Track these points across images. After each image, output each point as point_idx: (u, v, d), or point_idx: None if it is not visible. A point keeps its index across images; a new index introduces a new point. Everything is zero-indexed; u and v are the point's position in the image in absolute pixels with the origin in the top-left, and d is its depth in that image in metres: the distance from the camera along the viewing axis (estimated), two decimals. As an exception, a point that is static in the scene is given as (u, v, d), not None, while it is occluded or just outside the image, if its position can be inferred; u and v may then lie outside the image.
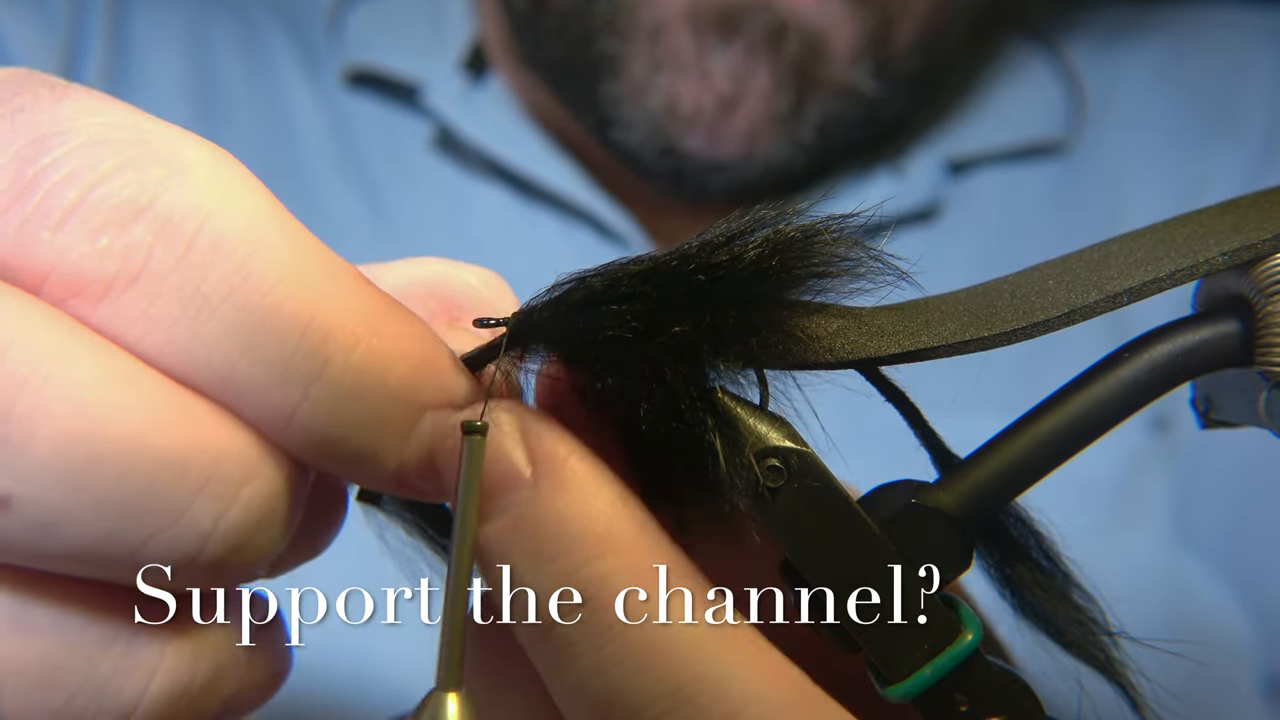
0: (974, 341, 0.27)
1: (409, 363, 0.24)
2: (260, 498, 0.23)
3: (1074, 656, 0.29)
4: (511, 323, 0.27)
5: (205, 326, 0.23)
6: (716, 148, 0.64)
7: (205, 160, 0.24)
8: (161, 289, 0.22)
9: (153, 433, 0.22)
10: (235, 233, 0.23)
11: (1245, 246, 0.26)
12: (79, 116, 0.24)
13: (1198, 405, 0.30)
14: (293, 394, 0.23)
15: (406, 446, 0.24)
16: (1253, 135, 0.73)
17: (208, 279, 0.22)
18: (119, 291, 0.22)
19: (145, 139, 0.23)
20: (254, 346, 0.23)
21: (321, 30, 0.76)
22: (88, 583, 0.23)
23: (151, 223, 0.23)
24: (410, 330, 0.24)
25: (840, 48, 0.64)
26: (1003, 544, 0.29)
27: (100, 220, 0.22)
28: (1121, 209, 0.71)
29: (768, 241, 0.26)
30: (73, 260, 0.22)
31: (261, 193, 0.24)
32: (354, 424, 0.23)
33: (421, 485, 0.25)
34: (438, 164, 0.73)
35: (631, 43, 0.63)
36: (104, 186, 0.23)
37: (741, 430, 0.26)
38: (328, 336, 0.23)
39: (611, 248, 0.70)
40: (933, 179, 0.71)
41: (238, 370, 0.23)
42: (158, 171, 0.23)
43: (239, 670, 0.25)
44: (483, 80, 0.73)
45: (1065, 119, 0.74)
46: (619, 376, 0.26)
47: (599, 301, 0.26)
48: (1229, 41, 0.77)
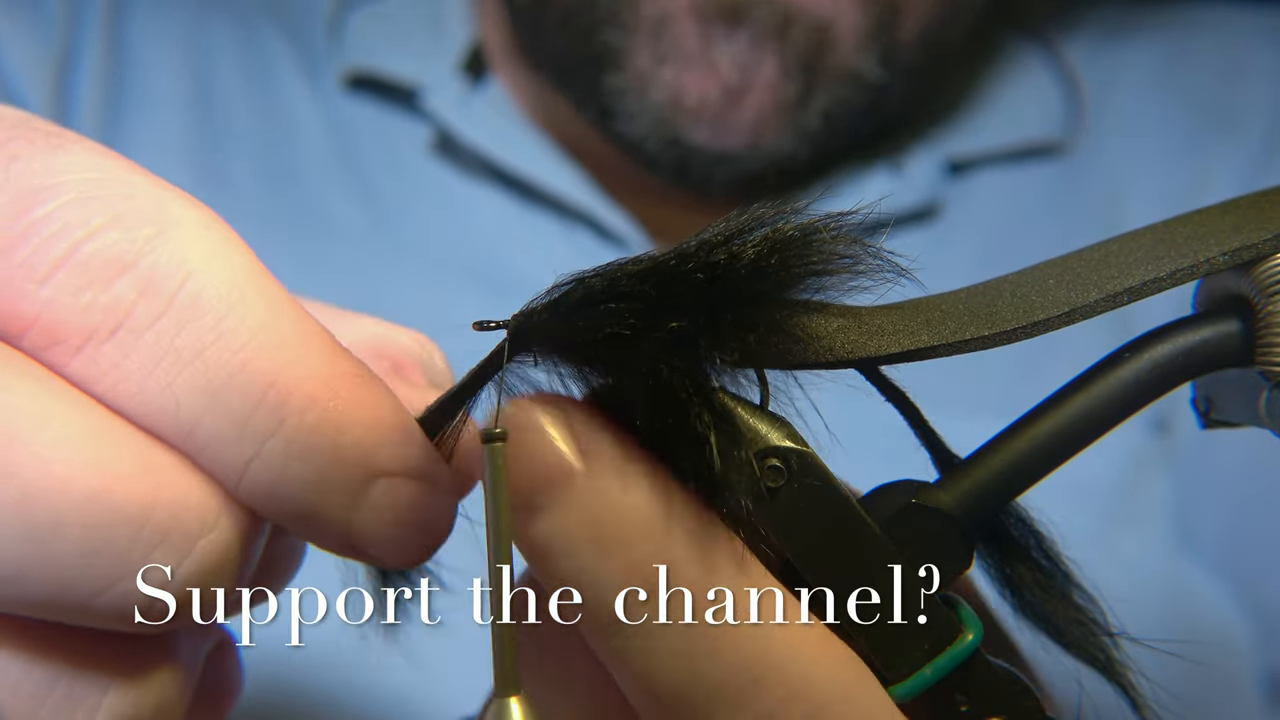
0: (973, 341, 0.27)
1: (363, 427, 0.24)
2: (216, 549, 0.24)
3: (1074, 657, 0.29)
4: (511, 324, 0.27)
5: (176, 379, 0.23)
6: (722, 139, 0.64)
7: (191, 219, 0.24)
8: (138, 343, 0.23)
9: (116, 488, 0.23)
10: (214, 292, 0.24)
11: (1246, 246, 0.26)
12: (72, 170, 0.24)
13: (1198, 405, 0.30)
14: (248, 449, 0.24)
15: (355, 510, 0.25)
16: (1252, 135, 0.73)
17: (182, 335, 0.23)
18: (97, 344, 0.23)
19: (134, 195, 0.24)
20: (219, 401, 0.23)
21: (320, 34, 0.76)
22: (29, 625, 0.24)
23: (135, 280, 0.23)
24: (370, 396, 0.25)
25: (847, 35, 0.63)
26: (1002, 544, 0.29)
27: (87, 276, 0.23)
28: (1120, 210, 0.71)
29: (766, 240, 0.26)
30: (56, 313, 0.23)
31: (244, 254, 0.25)
32: (302, 482, 0.24)
33: (371, 551, 0.25)
34: (437, 167, 0.73)
35: (635, 35, 0.63)
36: (92, 243, 0.23)
37: (741, 430, 0.26)
38: (288, 396, 0.24)
39: (612, 250, 0.70)
40: (931, 178, 0.71)
41: (201, 423, 0.23)
42: (145, 230, 0.24)
43: (183, 705, 0.26)
44: (482, 83, 0.73)
45: (1064, 120, 0.75)
46: (618, 376, 0.26)
47: (598, 301, 0.26)
48: (1227, 42, 0.77)
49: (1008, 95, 0.75)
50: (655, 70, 0.63)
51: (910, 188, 0.70)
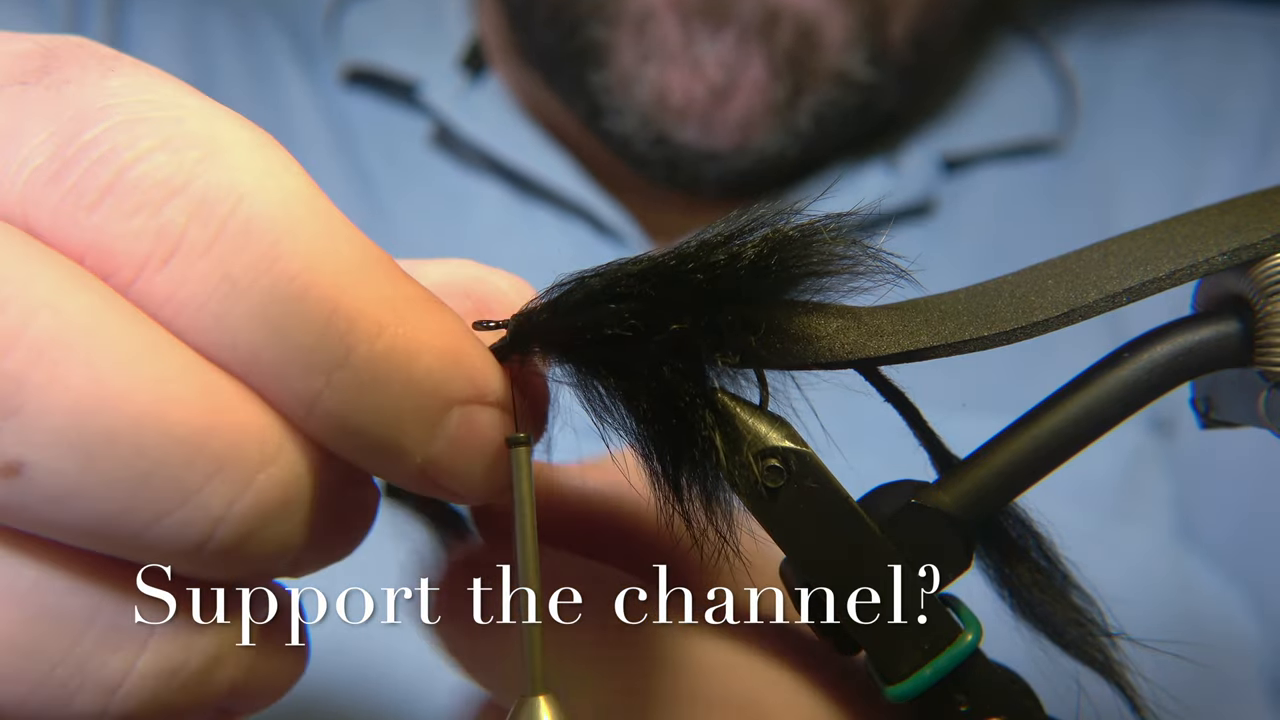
0: (972, 341, 0.27)
1: (435, 354, 0.24)
2: (277, 486, 0.23)
3: (1073, 657, 0.29)
4: (512, 324, 0.27)
5: (233, 309, 0.22)
6: (710, 138, 0.64)
7: (243, 141, 0.24)
8: (192, 271, 0.22)
9: (171, 409, 0.22)
10: (267, 216, 0.23)
11: (1245, 246, 0.26)
12: (123, 92, 0.23)
13: (1198, 405, 0.30)
14: (316, 380, 0.23)
15: (432, 441, 0.24)
16: (1247, 134, 0.73)
17: (237, 262, 0.22)
18: (151, 272, 0.22)
19: (185, 118, 0.23)
20: (280, 330, 0.22)
21: (319, 30, 0.76)
22: (77, 552, 0.23)
23: (185, 204, 0.22)
24: (439, 322, 0.24)
25: (834, 36, 0.63)
26: (1002, 544, 0.29)
27: (135, 201, 0.22)
28: (1115, 208, 0.71)
29: (766, 240, 0.26)
30: (107, 240, 0.22)
31: (298, 175, 0.24)
32: (376, 413, 0.23)
33: (449, 484, 0.25)
34: (436, 161, 0.73)
35: (619, 30, 0.63)
36: (140, 166, 0.22)
37: (741, 430, 0.26)
38: (353, 323, 0.23)
39: (609, 244, 0.70)
40: (926, 174, 0.71)
41: (263, 354, 0.23)
42: (194, 153, 0.23)
43: (242, 659, 0.25)
44: (481, 78, 0.74)
45: (1058, 117, 0.74)
46: (619, 376, 0.26)
47: (598, 301, 0.26)
48: (1221, 40, 0.77)
49: (1002, 92, 0.75)
50: (640, 68, 0.63)
51: (906, 184, 0.70)
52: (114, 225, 0.22)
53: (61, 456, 0.21)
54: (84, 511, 0.22)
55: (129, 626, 0.23)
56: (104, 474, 0.21)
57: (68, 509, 0.22)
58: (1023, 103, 0.75)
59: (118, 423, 0.21)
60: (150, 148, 0.23)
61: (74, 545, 0.23)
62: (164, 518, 0.22)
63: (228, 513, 0.22)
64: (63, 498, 0.22)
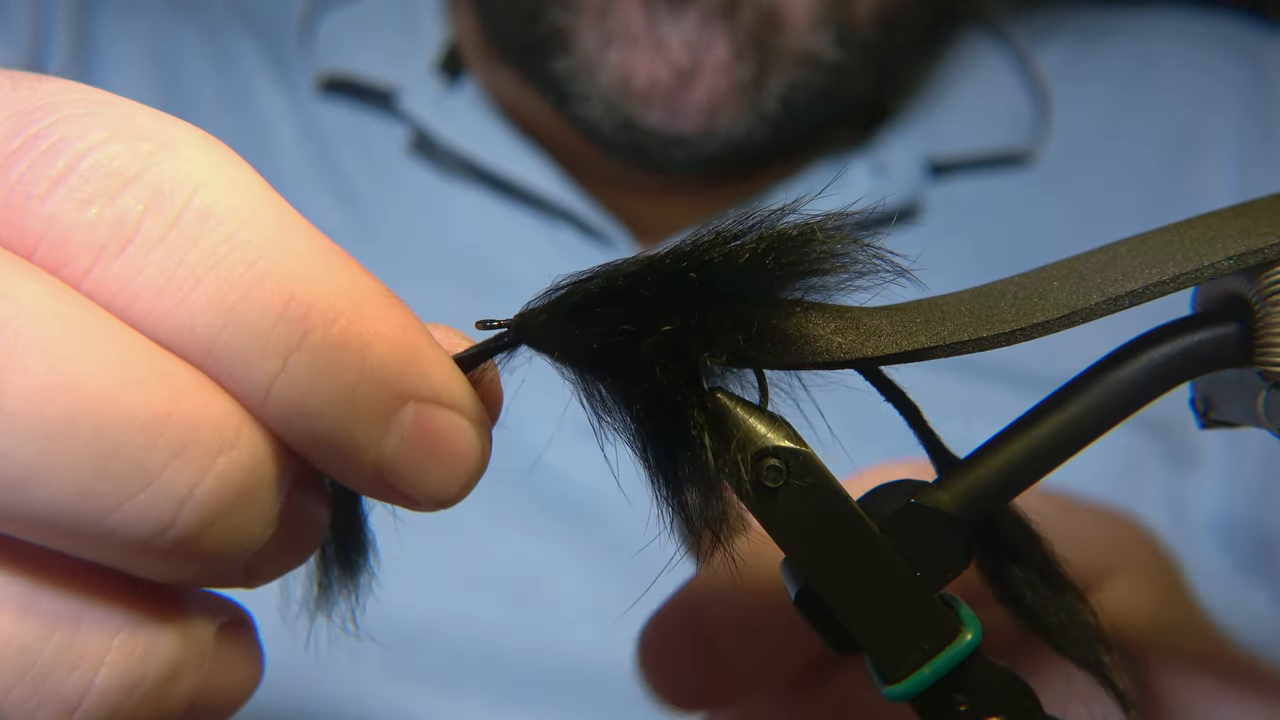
0: (971, 342, 0.27)
1: (389, 345, 0.24)
2: (238, 470, 0.23)
3: (1066, 657, 0.29)
4: (513, 323, 0.27)
5: (190, 295, 0.22)
6: (676, 121, 0.64)
7: (192, 137, 0.24)
8: (149, 259, 0.22)
9: (129, 391, 0.22)
10: (224, 205, 0.23)
11: (1251, 251, 0.26)
12: (62, 93, 0.23)
13: (1197, 405, 0.31)
14: (272, 365, 0.23)
15: (385, 437, 0.24)
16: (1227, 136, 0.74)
17: (195, 249, 0.22)
18: (106, 262, 0.22)
19: (132, 114, 0.23)
20: (237, 317, 0.22)
21: (293, 38, 0.74)
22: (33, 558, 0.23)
23: (141, 193, 0.22)
24: (393, 316, 0.24)
25: (799, 16, 0.63)
26: (998, 545, 0.29)
27: (90, 190, 0.22)
28: (1091, 217, 0.72)
29: (763, 239, 0.26)
30: (61, 230, 0.22)
31: (249, 170, 0.24)
32: (330, 400, 0.23)
33: (402, 487, 0.25)
34: (415, 169, 0.72)
35: (581, 16, 0.63)
36: (93, 156, 0.22)
37: (740, 430, 0.26)
38: (309, 309, 0.23)
39: (596, 247, 0.70)
40: (913, 177, 0.71)
41: (219, 340, 0.23)
42: (146, 145, 0.23)
43: (199, 669, 0.25)
44: (458, 82, 0.73)
45: (1032, 127, 0.75)
46: (615, 377, 0.26)
47: (593, 304, 0.25)
48: (1194, 50, 0.78)
49: (978, 99, 0.75)
50: (602, 52, 0.63)
51: (893, 187, 0.70)
52: (69, 214, 0.22)
53: (19, 441, 0.21)
54: (44, 499, 0.21)
55: (87, 641, 0.23)
56: (64, 456, 0.21)
57: (27, 496, 0.21)
58: (998, 111, 0.75)
59: (77, 405, 0.21)
60: (102, 139, 0.23)
61: (30, 543, 0.22)
62: (125, 502, 0.22)
63: (189, 495, 0.22)
64: (23, 484, 0.21)
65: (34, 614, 0.23)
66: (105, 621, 0.23)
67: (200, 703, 0.25)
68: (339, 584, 0.30)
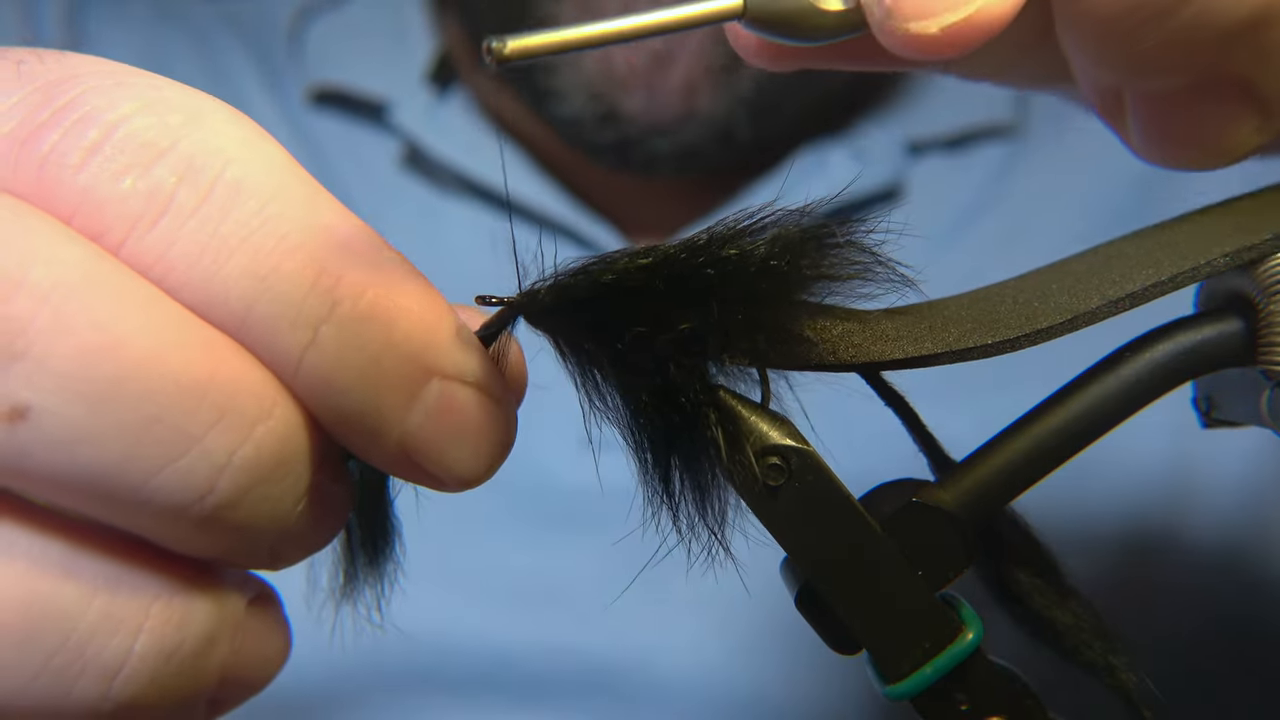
0: (977, 349, 0.27)
1: (415, 320, 0.24)
2: (274, 439, 0.23)
3: (1071, 662, 0.29)
4: (517, 301, 0.27)
5: (223, 267, 0.23)
6: (656, 107, 0.64)
7: (221, 110, 0.24)
8: (183, 230, 0.23)
9: (172, 356, 0.22)
10: (256, 179, 0.23)
11: (1247, 247, 0.26)
12: (89, 64, 0.24)
13: (1199, 405, 0.30)
14: (303, 335, 0.23)
15: (410, 413, 0.24)
16: None
17: (227, 221, 0.23)
18: (141, 233, 0.23)
19: (160, 86, 0.24)
20: (270, 288, 0.23)
21: (282, 48, 0.74)
22: (73, 527, 0.23)
23: (174, 165, 0.23)
24: (420, 292, 0.25)
25: None
26: (1000, 548, 0.29)
27: (125, 161, 0.23)
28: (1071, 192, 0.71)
29: (777, 239, 0.26)
30: (96, 201, 0.22)
31: (276, 144, 0.24)
32: (358, 372, 0.23)
33: (426, 465, 0.25)
34: (408, 181, 0.72)
35: (563, 3, 0.63)
36: (125, 127, 0.23)
37: (743, 428, 0.26)
38: (339, 280, 0.23)
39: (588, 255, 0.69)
40: (894, 158, 0.70)
41: (253, 310, 0.23)
42: (176, 116, 0.23)
43: (234, 639, 0.25)
44: (449, 92, 0.72)
45: (1013, 102, 0.74)
46: (620, 368, 0.26)
47: (603, 294, 0.26)
48: None
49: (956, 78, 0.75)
50: None
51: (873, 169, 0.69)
52: (103, 186, 0.23)
53: (69, 400, 0.21)
54: (89, 459, 0.22)
55: (126, 607, 0.23)
56: (110, 417, 0.22)
57: (73, 456, 0.22)
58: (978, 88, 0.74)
59: (123, 367, 0.22)
60: (134, 109, 0.23)
61: (71, 509, 0.23)
62: (168, 466, 0.22)
63: (229, 462, 0.22)
64: (69, 443, 0.22)
65: (76, 578, 0.23)
66: (144, 587, 0.23)
67: (232, 675, 0.25)
68: (364, 572, 0.30)
